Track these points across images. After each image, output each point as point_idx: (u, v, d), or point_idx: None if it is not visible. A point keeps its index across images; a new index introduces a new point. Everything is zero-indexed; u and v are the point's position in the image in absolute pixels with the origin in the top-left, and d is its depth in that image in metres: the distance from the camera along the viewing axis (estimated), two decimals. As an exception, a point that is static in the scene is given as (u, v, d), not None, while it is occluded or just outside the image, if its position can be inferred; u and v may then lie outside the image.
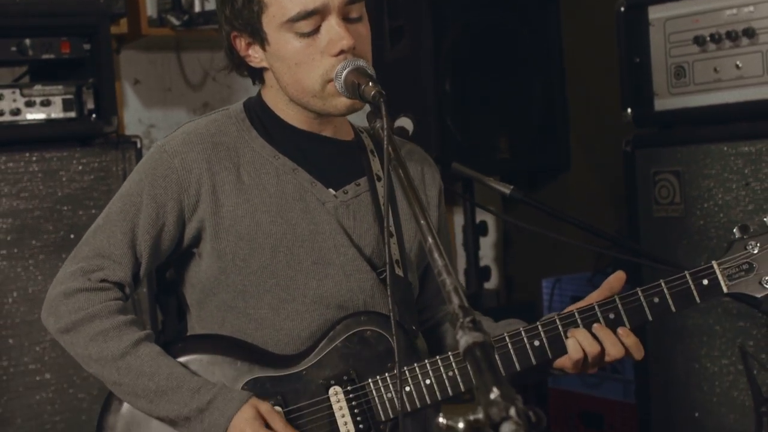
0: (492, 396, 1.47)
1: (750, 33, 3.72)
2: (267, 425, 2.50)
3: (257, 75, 2.73)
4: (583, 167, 5.29)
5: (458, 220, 5.75)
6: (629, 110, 4.08)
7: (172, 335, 4.26)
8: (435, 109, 4.69)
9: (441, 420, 1.52)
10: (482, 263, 5.51)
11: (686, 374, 3.98)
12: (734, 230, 2.54)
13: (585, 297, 2.63)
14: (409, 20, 4.81)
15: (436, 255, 1.86)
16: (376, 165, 2.77)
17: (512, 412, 1.44)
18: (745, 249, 2.51)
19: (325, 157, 2.72)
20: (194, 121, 2.72)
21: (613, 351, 2.54)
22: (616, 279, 2.60)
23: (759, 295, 2.51)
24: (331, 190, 2.69)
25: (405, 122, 3.37)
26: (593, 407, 4.82)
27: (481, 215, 5.39)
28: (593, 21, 5.07)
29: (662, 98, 4.00)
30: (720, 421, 3.86)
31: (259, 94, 2.77)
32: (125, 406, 2.62)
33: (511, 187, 3.23)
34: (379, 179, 2.73)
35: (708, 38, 3.81)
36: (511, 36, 4.96)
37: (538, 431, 1.44)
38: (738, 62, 3.77)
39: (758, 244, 2.50)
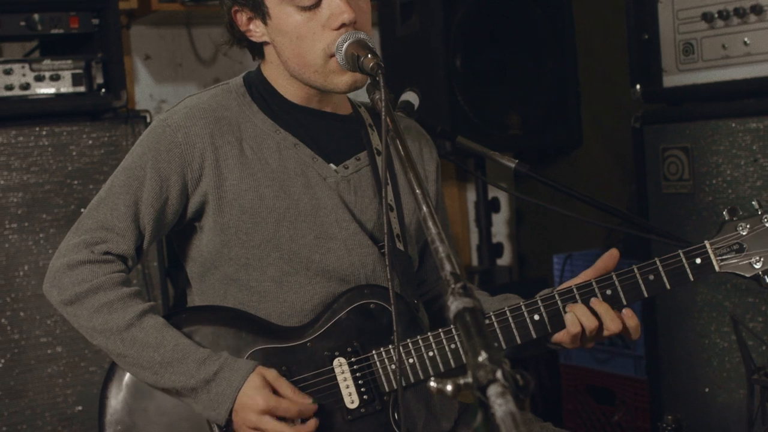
0: (480, 359, 1.48)
1: (758, 10, 3.71)
2: (275, 392, 2.52)
3: (257, 50, 2.74)
4: (594, 144, 5.29)
5: (470, 196, 5.76)
6: (638, 87, 4.08)
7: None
8: (445, 85, 4.69)
9: (432, 384, 1.53)
10: (495, 240, 5.51)
11: (696, 350, 3.99)
12: (723, 212, 2.61)
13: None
14: (420, -5, 4.81)
15: (430, 223, 1.87)
16: (375, 139, 2.78)
17: (499, 374, 1.45)
18: (736, 230, 2.58)
19: (325, 133, 2.73)
20: (196, 95, 2.73)
21: (612, 326, 2.56)
22: (610, 257, 2.63)
23: (748, 275, 2.58)
24: (332, 165, 2.71)
25: (411, 96, 3.37)
26: (604, 383, 4.83)
27: (493, 192, 5.39)
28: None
29: (671, 75, 4.00)
30: (730, 396, 3.86)
31: (258, 69, 2.78)
32: (128, 376, 2.63)
33: (516, 161, 3.23)
34: (379, 153, 2.75)
35: (716, 15, 3.80)
36: (522, 12, 4.95)
37: (525, 394, 1.45)
38: (746, 39, 3.75)
39: (748, 226, 2.57)
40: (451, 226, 3.18)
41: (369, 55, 2.42)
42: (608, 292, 2.58)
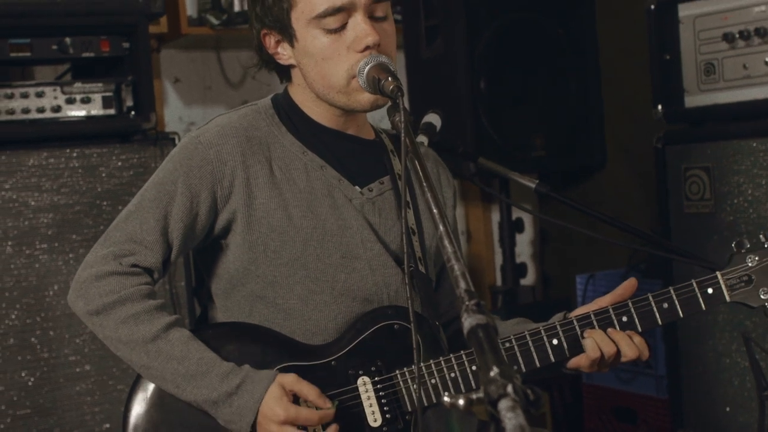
0: (491, 374, 1.52)
1: (778, 30, 3.75)
2: (297, 399, 2.55)
3: (285, 73, 2.80)
4: (617, 164, 5.31)
5: (495, 217, 5.79)
6: (660, 107, 4.10)
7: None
8: (470, 107, 4.74)
9: (445, 398, 1.57)
10: (519, 260, 5.55)
11: (717, 369, 4.00)
12: (732, 245, 2.66)
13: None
14: (444, 19, 4.86)
15: (446, 242, 1.91)
16: (396, 165, 2.82)
17: (510, 389, 1.49)
18: (745, 262, 2.64)
19: (350, 155, 2.78)
20: (226, 115, 2.78)
21: (629, 352, 2.61)
22: (629, 285, 2.68)
23: (755, 305, 2.64)
24: (357, 187, 2.75)
25: (433, 118, 3.40)
26: (626, 402, 4.84)
27: (517, 212, 5.43)
28: (626, 19, 5.08)
29: (692, 95, 4.03)
30: (750, 416, 3.87)
31: (286, 91, 2.83)
32: (152, 389, 2.65)
33: (536, 182, 3.26)
34: (401, 178, 2.78)
35: (737, 35, 3.83)
36: (545, 34, 5.00)
37: (535, 408, 1.49)
38: (767, 59, 3.78)
39: (756, 258, 2.63)
40: (475, 245, 3.22)
41: (389, 78, 2.46)
42: (624, 318, 2.63)
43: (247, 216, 2.66)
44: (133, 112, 4.05)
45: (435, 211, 2.03)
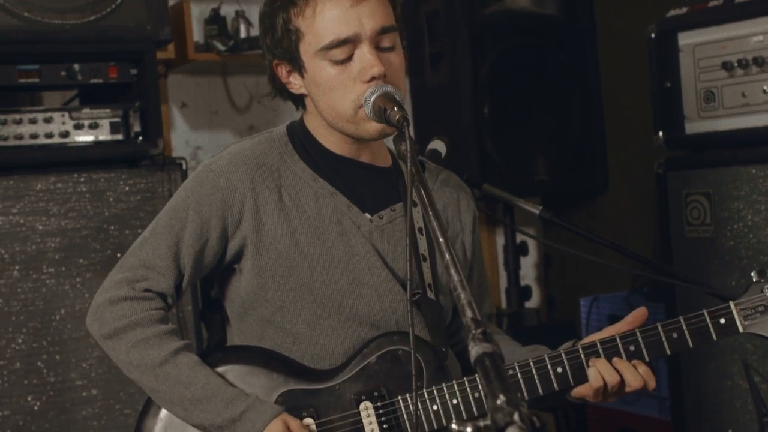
0: (498, 402, 1.55)
1: (776, 59, 3.79)
2: None
3: (299, 101, 2.84)
4: (619, 188, 5.35)
5: (499, 240, 5.82)
6: (661, 133, 4.13)
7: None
8: (474, 132, 4.78)
9: (453, 426, 1.60)
10: (523, 283, 5.58)
11: (719, 392, 4.02)
12: (752, 273, 2.61)
13: (620, 318, 2.71)
14: (448, 45, 4.90)
15: (452, 270, 1.94)
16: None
17: (516, 417, 1.51)
18: (762, 292, 2.59)
19: (362, 183, 2.81)
20: (239, 143, 2.82)
21: (634, 382, 2.61)
22: (639, 314, 2.67)
23: None
24: (366, 214, 2.78)
25: (438, 145, 3.44)
26: (630, 423, 4.87)
27: (521, 236, 5.46)
28: (627, 46, 5.12)
29: (692, 122, 4.05)
30: (753, 438, 3.90)
31: (301, 119, 2.87)
32: (162, 412, 2.70)
33: (540, 207, 3.29)
34: (415, 205, 2.80)
35: (736, 64, 3.86)
36: (548, 61, 5.04)
37: (541, 435, 1.52)
38: (765, 87, 3.81)
39: None
40: (480, 269, 3.23)
41: (395, 108, 2.49)
42: (631, 348, 2.62)
43: (256, 242, 2.70)
44: (140, 138, 4.08)
45: (441, 240, 2.06)
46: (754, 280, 2.61)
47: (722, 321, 2.60)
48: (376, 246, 2.76)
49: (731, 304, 2.60)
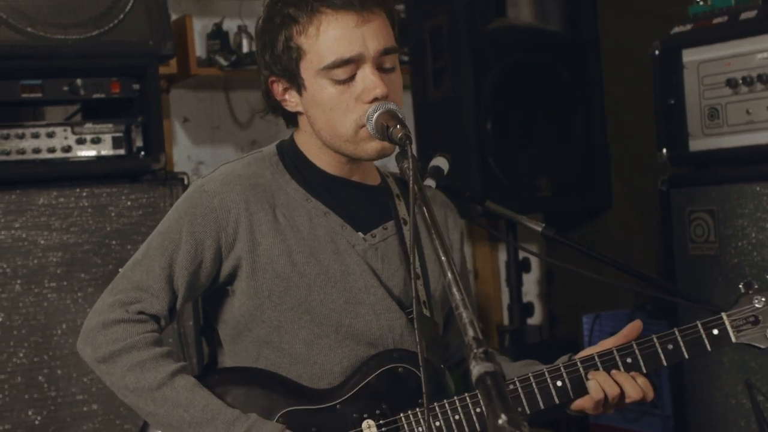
0: (500, 422, 1.55)
1: (781, 76, 3.79)
2: None
3: (292, 119, 2.83)
4: (623, 205, 5.34)
5: (502, 256, 5.82)
6: (665, 150, 4.13)
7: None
8: (477, 148, 4.78)
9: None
10: (525, 299, 5.56)
11: (723, 411, 4.01)
12: (740, 285, 2.67)
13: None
14: (452, 61, 4.90)
15: (454, 289, 1.93)
16: (402, 209, 2.84)
17: (517, 436, 1.51)
18: (751, 303, 2.64)
19: (354, 202, 2.80)
20: (231, 163, 2.80)
21: (633, 393, 2.62)
22: (634, 328, 2.68)
23: (763, 346, 2.64)
24: (360, 233, 2.77)
25: (440, 162, 3.43)
26: (634, 442, 4.87)
27: (524, 252, 5.45)
28: (631, 62, 5.12)
29: (696, 139, 4.05)
30: (755, 457, 3.89)
31: (291, 138, 2.85)
32: None
33: (543, 225, 3.28)
34: (405, 223, 2.80)
35: (740, 81, 3.86)
36: (551, 77, 5.04)
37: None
38: (769, 104, 3.83)
39: (763, 299, 2.64)
40: (482, 284, 3.24)
41: (398, 126, 2.48)
42: (629, 360, 2.63)
43: (251, 262, 2.68)
44: (142, 153, 4.09)
45: (443, 258, 2.06)
46: (742, 291, 2.66)
47: (715, 332, 2.64)
48: (371, 265, 2.75)
49: (723, 315, 2.65)
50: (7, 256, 3.86)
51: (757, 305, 2.63)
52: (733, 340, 2.64)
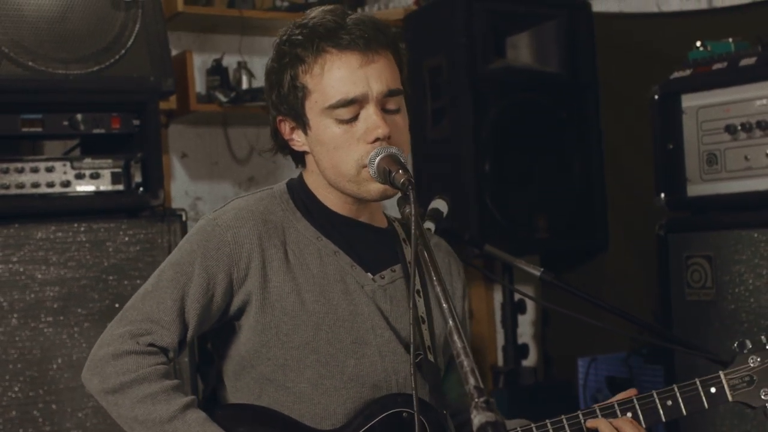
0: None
1: (780, 123, 3.80)
2: None
3: (299, 158, 2.83)
4: (620, 248, 5.34)
5: (497, 297, 5.81)
6: (662, 194, 4.15)
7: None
8: (474, 188, 4.78)
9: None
10: (520, 341, 5.56)
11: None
12: (734, 346, 2.73)
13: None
14: (451, 101, 4.92)
15: (455, 337, 1.94)
16: (408, 254, 2.84)
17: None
18: (747, 362, 2.70)
19: (363, 242, 2.80)
20: (243, 198, 2.80)
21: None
22: (631, 394, 2.72)
23: (756, 405, 2.69)
24: (369, 274, 2.77)
25: (439, 204, 3.43)
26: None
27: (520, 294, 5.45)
28: (631, 106, 5.13)
29: (695, 184, 4.07)
30: (752, 500, 3.88)
31: (300, 177, 2.86)
32: None
33: (541, 269, 3.29)
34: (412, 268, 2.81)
35: (739, 127, 3.88)
36: (550, 118, 5.06)
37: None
38: (768, 151, 3.84)
39: (758, 359, 2.69)
40: (477, 325, 3.24)
41: (400, 171, 2.49)
42: (629, 414, 2.66)
43: (261, 298, 2.67)
44: (141, 189, 4.09)
45: (445, 305, 2.06)
46: (737, 351, 2.72)
47: (713, 390, 2.69)
48: (379, 306, 2.75)
49: (721, 374, 2.70)
50: (4, 290, 3.85)
51: (751, 364, 2.69)
52: (730, 399, 2.69)
